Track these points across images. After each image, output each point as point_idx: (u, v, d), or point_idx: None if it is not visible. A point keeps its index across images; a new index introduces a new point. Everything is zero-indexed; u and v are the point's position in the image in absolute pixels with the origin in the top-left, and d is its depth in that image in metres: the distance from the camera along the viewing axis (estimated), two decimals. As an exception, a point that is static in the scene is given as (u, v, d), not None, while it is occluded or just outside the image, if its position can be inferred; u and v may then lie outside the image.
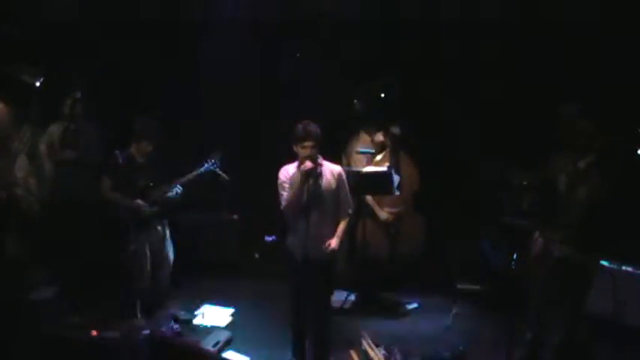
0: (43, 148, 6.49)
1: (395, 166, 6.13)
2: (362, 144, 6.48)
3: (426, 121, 7.03)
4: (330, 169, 4.76)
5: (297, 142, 4.57)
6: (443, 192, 6.81)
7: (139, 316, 5.18)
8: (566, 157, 4.71)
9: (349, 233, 5.69)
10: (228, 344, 5.45)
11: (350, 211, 4.89)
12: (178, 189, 5.59)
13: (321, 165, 4.72)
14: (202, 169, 5.69)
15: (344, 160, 6.33)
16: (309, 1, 6.90)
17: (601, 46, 6.19)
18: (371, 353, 5.18)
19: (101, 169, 5.75)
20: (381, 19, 6.81)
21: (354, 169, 5.95)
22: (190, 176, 5.66)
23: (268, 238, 7.44)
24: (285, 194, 4.67)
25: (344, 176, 4.83)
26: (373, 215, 6.33)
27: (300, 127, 4.56)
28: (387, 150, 6.35)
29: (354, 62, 6.93)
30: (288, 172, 4.70)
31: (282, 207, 4.70)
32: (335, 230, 4.76)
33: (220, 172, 5.81)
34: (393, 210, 6.36)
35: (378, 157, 6.32)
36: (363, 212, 6.13)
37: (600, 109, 5.83)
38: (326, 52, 6.98)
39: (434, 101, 6.95)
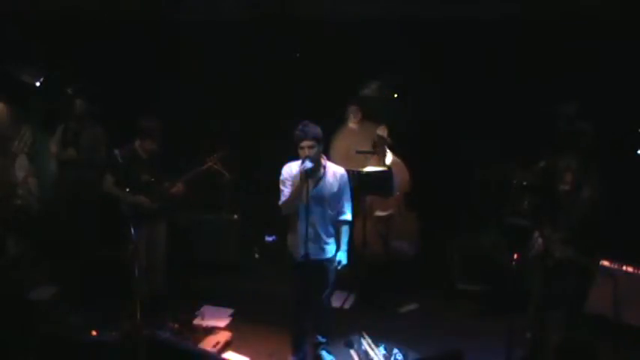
0: (53, 147, 6.51)
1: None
2: (349, 134, 6.46)
3: (426, 121, 7.03)
4: (334, 171, 4.75)
5: (296, 142, 4.57)
6: (443, 192, 6.81)
7: (138, 316, 5.17)
8: (568, 157, 4.71)
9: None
10: (228, 344, 5.45)
11: (349, 218, 4.86)
12: (181, 185, 5.59)
13: (323, 166, 4.71)
14: (204, 167, 5.70)
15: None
16: (310, 1, 6.91)
17: (601, 46, 6.19)
18: (371, 353, 5.19)
19: (104, 166, 5.77)
20: (380, 19, 6.81)
21: (355, 169, 5.93)
22: (193, 173, 5.67)
23: (268, 238, 7.44)
24: (285, 191, 4.67)
25: (347, 179, 4.82)
26: (370, 215, 6.32)
27: (298, 127, 4.56)
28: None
29: (355, 62, 6.92)
30: (291, 169, 4.69)
31: (279, 203, 4.70)
32: (335, 232, 4.75)
33: (222, 170, 5.82)
34: (383, 213, 6.36)
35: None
36: (361, 212, 6.13)
37: (600, 109, 5.86)
38: (327, 51, 6.97)
39: (434, 101, 6.94)
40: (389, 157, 6.19)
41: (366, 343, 5.30)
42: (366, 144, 6.31)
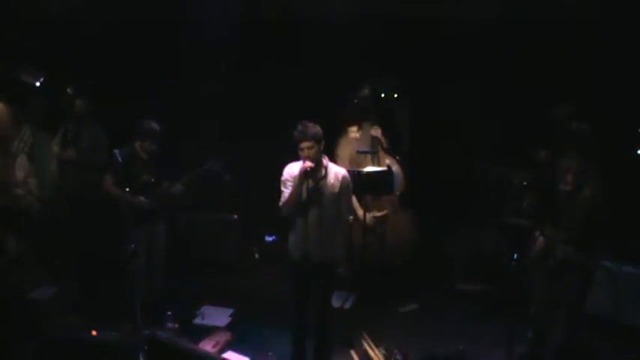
0: (54, 147, 6.51)
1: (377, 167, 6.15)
2: (352, 141, 6.48)
3: (425, 121, 7.03)
4: (335, 172, 4.74)
5: (295, 143, 4.56)
6: (443, 192, 6.81)
7: (138, 315, 5.18)
8: (568, 158, 4.71)
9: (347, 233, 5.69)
10: (228, 344, 5.45)
11: (350, 218, 4.87)
12: (181, 186, 5.62)
13: (325, 166, 4.71)
14: (205, 168, 5.71)
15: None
16: (310, 0, 6.91)
17: (601, 46, 6.19)
18: (371, 353, 5.19)
19: (104, 167, 5.78)
20: (381, 19, 6.81)
21: (355, 169, 5.94)
22: (193, 174, 5.68)
23: (268, 238, 7.44)
24: (285, 192, 4.67)
25: (349, 180, 4.81)
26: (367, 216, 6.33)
27: (298, 127, 4.55)
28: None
29: (355, 62, 6.92)
30: (292, 170, 4.69)
31: (280, 204, 4.70)
32: (335, 233, 4.75)
33: (222, 171, 5.83)
34: (380, 214, 6.36)
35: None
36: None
37: (600, 109, 5.86)
38: (327, 50, 6.97)
39: (433, 101, 6.95)
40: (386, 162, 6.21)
41: (366, 343, 5.30)
42: (368, 146, 6.34)
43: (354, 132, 6.45)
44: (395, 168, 6.31)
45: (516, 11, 6.40)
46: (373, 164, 6.22)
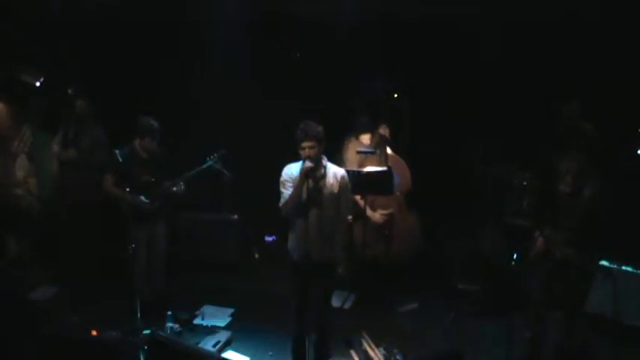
0: (55, 147, 6.52)
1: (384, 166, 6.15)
2: (360, 146, 6.48)
3: (426, 120, 7.02)
4: (334, 172, 4.74)
5: (297, 142, 4.56)
6: (443, 192, 6.80)
7: (138, 315, 5.18)
8: (569, 158, 4.71)
9: (347, 233, 5.69)
10: (228, 344, 5.46)
11: (349, 218, 4.87)
12: (181, 185, 5.63)
13: (324, 166, 4.71)
14: (204, 166, 5.72)
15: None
16: (310, 0, 6.91)
17: (601, 46, 6.19)
18: (371, 353, 5.19)
19: (104, 167, 5.79)
20: (381, 19, 6.81)
21: (355, 168, 5.94)
22: (193, 173, 5.68)
23: (268, 238, 7.44)
24: (285, 193, 4.67)
25: (347, 180, 4.81)
26: (372, 214, 6.33)
27: (299, 127, 4.55)
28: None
29: (355, 62, 6.92)
30: (291, 171, 4.69)
31: (280, 204, 4.70)
32: (335, 232, 4.75)
33: (222, 169, 5.83)
34: (386, 212, 6.36)
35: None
36: (360, 212, 6.13)
37: (600, 109, 5.86)
38: (327, 50, 6.97)
39: (434, 100, 6.94)
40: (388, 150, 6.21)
41: (366, 343, 5.30)
42: (372, 146, 6.35)
43: (366, 139, 6.46)
44: (402, 166, 6.31)
45: (516, 11, 6.40)
46: (380, 164, 6.21)
